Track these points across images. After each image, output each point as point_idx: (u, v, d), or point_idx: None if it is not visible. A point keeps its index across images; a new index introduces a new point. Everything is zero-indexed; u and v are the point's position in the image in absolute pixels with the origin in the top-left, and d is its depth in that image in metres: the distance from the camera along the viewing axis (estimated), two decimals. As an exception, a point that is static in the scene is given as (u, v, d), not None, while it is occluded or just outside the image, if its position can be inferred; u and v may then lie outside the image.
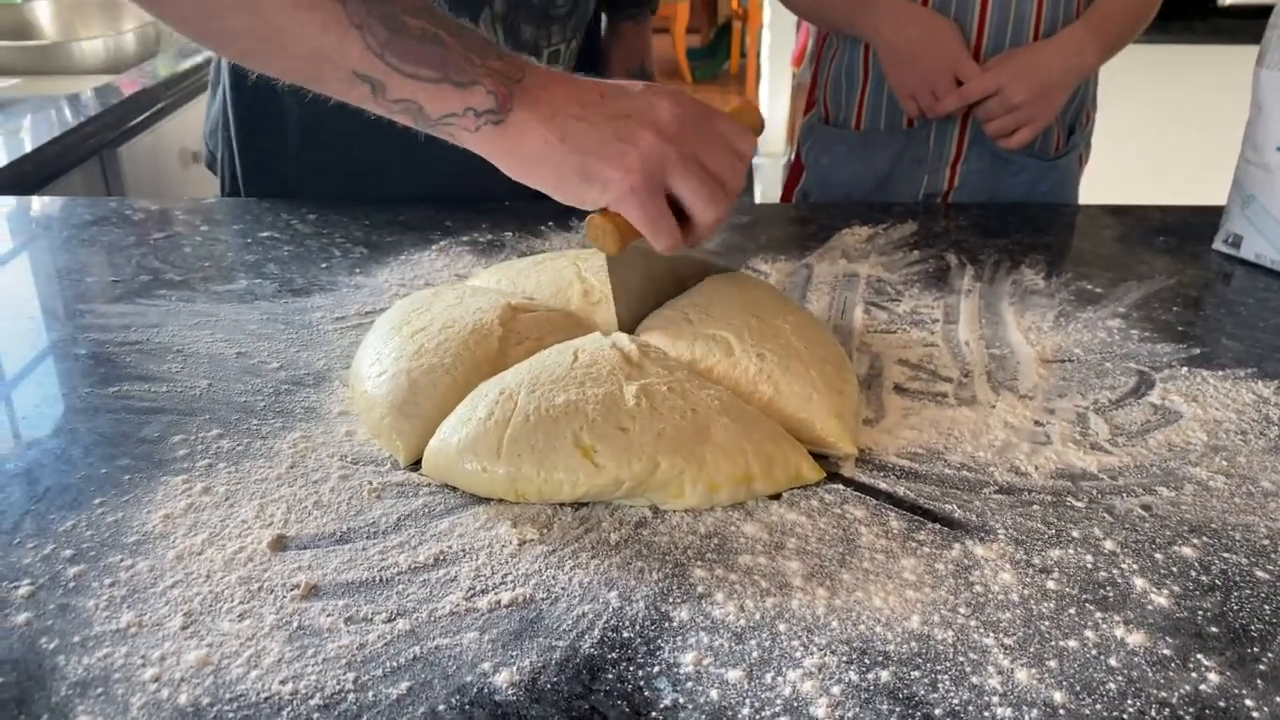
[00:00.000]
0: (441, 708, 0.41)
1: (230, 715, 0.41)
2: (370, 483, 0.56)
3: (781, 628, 0.46)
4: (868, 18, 1.03)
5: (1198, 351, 0.71)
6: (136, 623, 0.46)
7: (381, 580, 0.48)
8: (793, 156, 1.28)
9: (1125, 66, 2.28)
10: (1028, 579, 0.49)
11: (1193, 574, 0.50)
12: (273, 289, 0.80)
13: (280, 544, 0.51)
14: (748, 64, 5.47)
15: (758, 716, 0.41)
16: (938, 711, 0.41)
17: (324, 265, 0.84)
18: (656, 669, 0.43)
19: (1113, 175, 2.22)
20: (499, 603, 0.47)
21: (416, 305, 0.66)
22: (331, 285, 0.80)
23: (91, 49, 1.73)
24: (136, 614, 0.46)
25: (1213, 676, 0.43)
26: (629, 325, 0.69)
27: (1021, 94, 0.98)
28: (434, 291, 0.69)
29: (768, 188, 4.36)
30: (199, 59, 1.71)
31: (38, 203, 1.00)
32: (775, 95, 4.39)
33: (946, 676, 0.43)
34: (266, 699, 0.42)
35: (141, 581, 0.48)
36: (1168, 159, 2.22)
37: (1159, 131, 2.21)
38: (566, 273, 0.73)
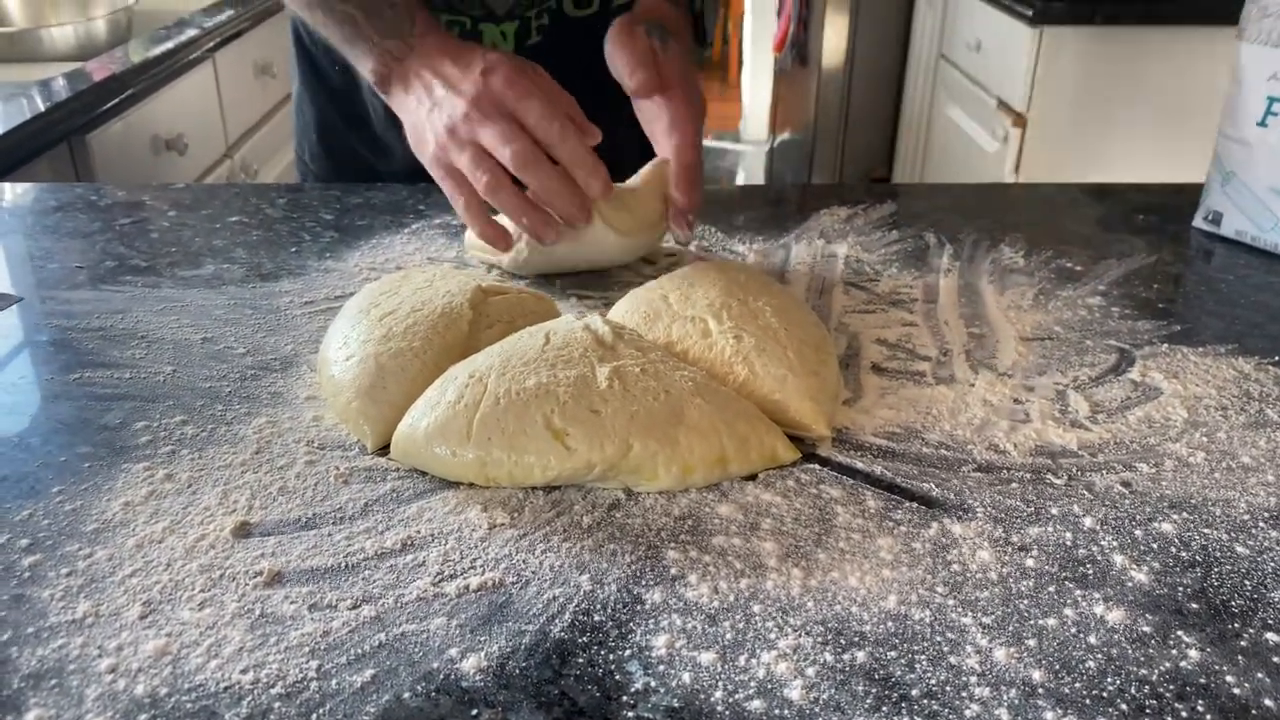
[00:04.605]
0: (406, 695, 0.40)
1: (188, 705, 0.40)
2: (337, 468, 0.55)
3: (756, 609, 0.45)
4: None
5: (1178, 328, 0.71)
6: (93, 613, 0.44)
7: (347, 566, 0.47)
8: (774, 144, 1.30)
9: (1105, 49, 2.29)
10: (1006, 557, 0.48)
11: (1172, 550, 0.49)
12: (241, 274, 0.78)
13: (243, 531, 0.50)
14: (730, 50, 5.46)
15: (731, 699, 0.40)
16: (915, 692, 0.41)
17: (293, 249, 0.82)
18: (628, 652, 0.42)
19: (1097, 157, 2.23)
20: (467, 588, 0.46)
21: (385, 289, 0.65)
22: (301, 269, 0.79)
23: (61, 35, 1.70)
24: (93, 604, 0.45)
25: (1193, 653, 0.43)
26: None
27: None
28: (403, 274, 0.67)
29: (750, 174, 4.35)
30: (171, 45, 1.69)
31: (7, 190, 0.98)
32: (757, 81, 4.38)
33: (924, 656, 0.42)
34: (226, 688, 0.40)
35: (99, 571, 0.47)
36: (1150, 140, 2.21)
37: (1140, 113, 2.20)
38: None
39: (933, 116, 2.83)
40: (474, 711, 0.40)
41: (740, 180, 4.35)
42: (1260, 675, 0.42)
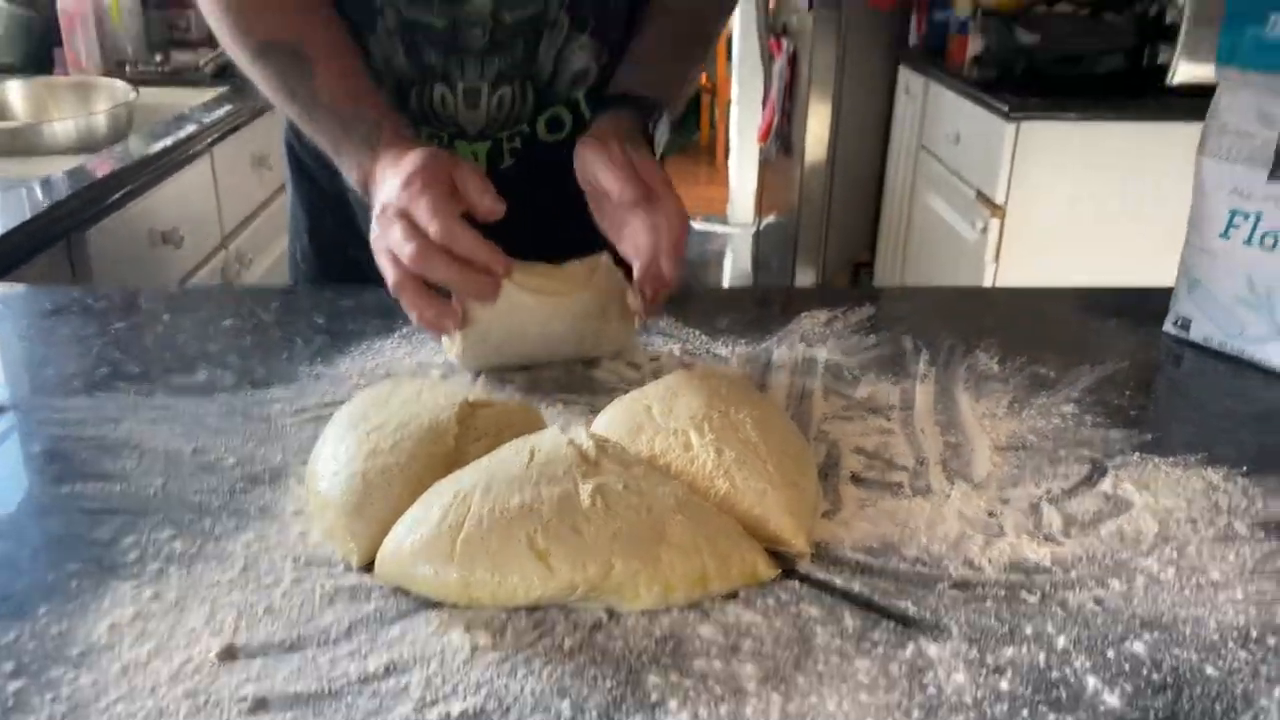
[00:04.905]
0: (387, 829, 0.41)
1: (169, 842, 0.40)
2: (322, 586, 0.55)
3: (734, 736, 0.45)
4: None
5: (1149, 437, 0.73)
6: (76, 742, 0.45)
7: (330, 691, 0.48)
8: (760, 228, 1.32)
9: (1081, 143, 2.35)
10: (981, 680, 0.49)
11: (1144, 671, 0.50)
12: (233, 380, 0.79)
13: (229, 653, 0.50)
14: (717, 135, 5.58)
15: (708, 833, 0.41)
16: (890, 823, 0.41)
17: (285, 355, 0.84)
18: (607, 783, 0.43)
19: (1076, 247, 2.28)
20: (449, 715, 0.46)
21: (374, 400, 0.66)
22: (292, 376, 0.80)
23: (63, 130, 1.74)
24: (77, 733, 0.45)
25: (1164, 780, 0.43)
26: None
27: None
28: (392, 386, 0.69)
29: (737, 256, 4.42)
30: (170, 141, 1.73)
31: (2, 290, 0.99)
32: (743, 168, 4.47)
33: (899, 785, 0.43)
34: (207, 823, 0.41)
35: (83, 697, 0.47)
36: (1126, 232, 2.27)
37: (1116, 205, 2.26)
38: None
39: (913, 206, 2.90)
40: (454, 846, 0.40)
41: (728, 260, 4.42)
42: (1230, 804, 0.42)
